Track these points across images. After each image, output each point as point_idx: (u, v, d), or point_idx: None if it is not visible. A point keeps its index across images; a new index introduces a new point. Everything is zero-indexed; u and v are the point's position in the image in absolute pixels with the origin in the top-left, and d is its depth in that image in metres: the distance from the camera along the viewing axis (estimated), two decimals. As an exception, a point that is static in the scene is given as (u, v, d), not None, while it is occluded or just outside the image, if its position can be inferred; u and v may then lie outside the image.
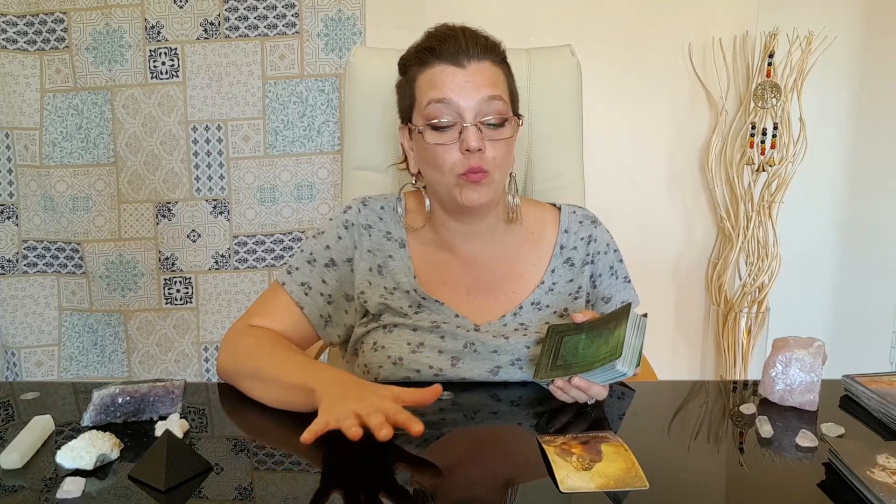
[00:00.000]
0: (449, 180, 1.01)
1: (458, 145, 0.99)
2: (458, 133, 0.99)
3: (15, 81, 1.99)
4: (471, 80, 0.99)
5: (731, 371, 2.06)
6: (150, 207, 2.07)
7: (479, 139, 0.98)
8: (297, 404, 0.86)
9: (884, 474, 0.70)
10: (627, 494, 0.70)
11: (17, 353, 2.12)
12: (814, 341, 0.93)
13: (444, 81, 0.99)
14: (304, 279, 1.08)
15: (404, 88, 1.07)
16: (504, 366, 1.02)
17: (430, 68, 1.01)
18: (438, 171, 1.02)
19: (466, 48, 1.00)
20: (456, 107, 0.98)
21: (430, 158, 1.02)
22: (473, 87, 0.99)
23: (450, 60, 1.00)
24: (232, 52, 1.98)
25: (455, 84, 0.99)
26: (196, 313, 2.12)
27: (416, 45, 1.05)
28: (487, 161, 0.99)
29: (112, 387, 0.86)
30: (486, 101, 0.99)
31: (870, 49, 2.00)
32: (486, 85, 0.99)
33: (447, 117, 0.99)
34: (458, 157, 0.99)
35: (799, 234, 2.07)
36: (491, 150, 0.99)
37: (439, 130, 1.00)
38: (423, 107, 1.01)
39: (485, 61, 1.01)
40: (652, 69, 2.01)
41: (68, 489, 0.70)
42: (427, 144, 1.01)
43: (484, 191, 1.00)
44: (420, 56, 1.03)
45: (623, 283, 1.15)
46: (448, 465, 0.79)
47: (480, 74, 1.00)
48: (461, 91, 0.99)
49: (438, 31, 1.03)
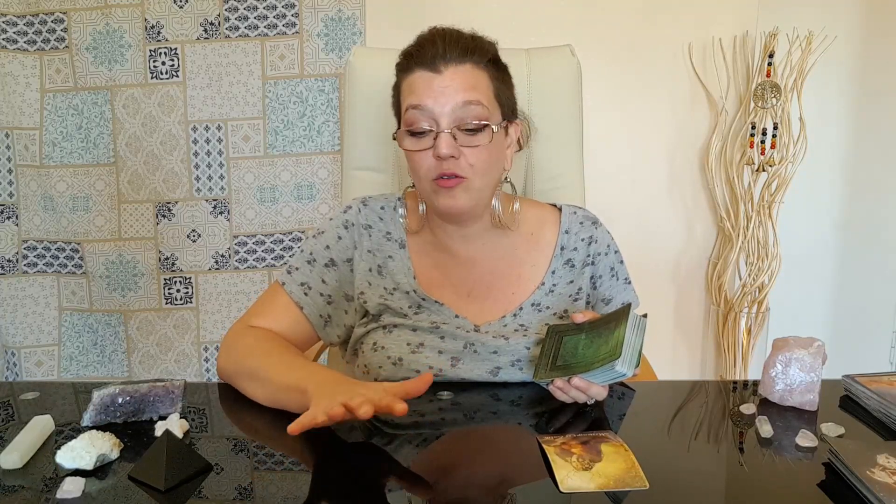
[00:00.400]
0: (425, 186, 1.01)
1: (432, 151, 0.98)
2: (433, 139, 0.98)
3: (15, 81, 1.99)
4: (449, 85, 0.98)
5: (731, 371, 2.06)
6: (150, 207, 2.07)
7: (450, 146, 0.97)
8: (292, 405, 0.86)
9: (884, 474, 0.70)
10: (627, 494, 0.70)
11: (17, 353, 2.12)
12: (814, 341, 0.93)
13: (420, 87, 0.99)
14: (303, 279, 1.08)
15: (394, 93, 1.07)
16: (504, 366, 1.02)
17: (410, 74, 1.01)
18: (417, 177, 1.02)
19: (444, 53, 0.99)
20: (430, 112, 0.98)
21: (410, 164, 1.03)
22: (451, 91, 0.98)
23: (427, 66, 0.99)
24: (232, 52, 1.98)
25: (430, 90, 0.98)
26: (196, 313, 2.12)
27: (403, 49, 1.05)
28: (462, 167, 0.98)
29: (112, 387, 0.86)
30: (461, 106, 0.98)
31: (870, 49, 2.00)
32: (463, 89, 0.98)
33: (423, 123, 0.98)
34: (433, 163, 0.99)
35: (799, 234, 2.07)
36: (468, 156, 0.98)
37: (416, 136, 1.00)
38: (404, 112, 1.01)
39: (464, 64, 0.99)
40: (652, 69, 2.01)
41: (68, 489, 0.70)
42: (406, 150, 1.01)
43: (459, 196, 0.99)
44: (403, 61, 1.03)
45: (623, 284, 1.15)
46: (448, 465, 0.79)
47: (459, 79, 0.98)
48: (437, 96, 0.98)
49: (421, 35, 1.03)
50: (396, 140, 1.04)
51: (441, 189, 0.99)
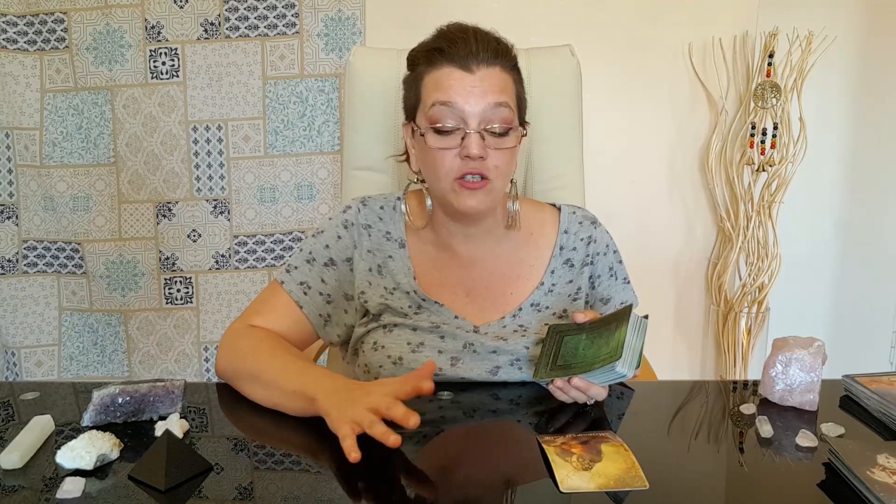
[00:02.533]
0: (445, 185, 1.00)
1: (458, 150, 0.97)
2: (460, 138, 0.97)
3: (15, 81, 1.99)
4: (478, 86, 0.97)
5: (731, 371, 2.06)
6: (150, 207, 2.07)
7: (480, 146, 0.96)
8: (298, 410, 0.87)
9: (884, 474, 0.70)
10: (627, 494, 0.70)
11: (17, 353, 2.12)
12: (814, 341, 0.93)
13: (450, 84, 0.98)
14: (303, 278, 1.08)
15: (411, 86, 1.05)
16: (503, 366, 1.02)
17: (437, 69, 0.99)
18: (435, 175, 1.01)
19: (476, 52, 0.98)
20: (460, 111, 0.97)
21: (430, 161, 1.01)
22: (480, 92, 0.97)
23: (458, 64, 0.98)
24: (232, 52, 1.98)
25: (462, 88, 0.97)
26: (196, 313, 2.12)
27: (426, 42, 1.03)
28: (489, 169, 0.98)
29: (112, 387, 0.86)
30: (492, 108, 0.97)
31: (870, 49, 2.00)
32: (493, 91, 0.98)
33: (451, 121, 0.97)
34: (457, 163, 0.98)
35: (799, 234, 2.07)
36: (493, 158, 0.98)
37: (442, 134, 0.98)
38: (428, 108, 0.99)
39: (494, 67, 0.99)
40: (652, 69, 2.01)
41: (68, 489, 0.71)
42: (428, 147, 1.00)
43: (482, 198, 0.99)
44: (429, 55, 1.01)
45: (622, 284, 1.15)
46: (448, 464, 0.79)
47: (489, 80, 0.98)
48: (467, 96, 0.97)
49: (450, 30, 1.01)
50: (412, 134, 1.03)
51: (464, 189, 0.98)
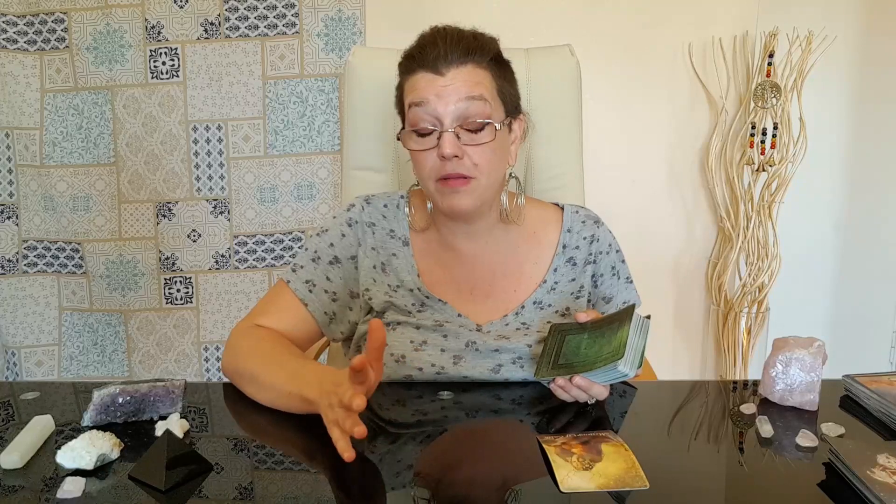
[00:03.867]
0: (430, 186, 1.02)
1: (436, 151, 0.98)
2: (436, 139, 0.99)
3: (15, 81, 1.99)
4: (449, 85, 0.98)
5: (731, 371, 2.06)
6: (150, 207, 2.07)
7: (454, 145, 0.97)
8: (297, 409, 0.88)
9: (884, 474, 0.70)
10: (628, 494, 0.70)
11: (17, 352, 2.12)
12: (814, 341, 0.93)
13: (423, 87, 0.99)
14: (308, 277, 1.08)
15: (397, 93, 1.07)
16: (505, 364, 1.02)
17: (412, 75, 1.01)
18: (420, 177, 1.03)
19: (445, 54, 0.99)
20: (434, 112, 0.98)
21: (414, 163, 1.03)
22: (452, 91, 0.98)
23: (429, 68, 0.99)
24: (232, 52, 1.98)
25: (433, 90, 0.98)
26: (196, 313, 2.12)
27: (406, 50, 1.05)
28: (467, 167, 0.98)
29: (112, 387, 0.86)
30: (464, 102, 0.98)
31: (870, 49, 2.00)
32: (465, 88, 0.98)
33: (426, 123, 0.99)
34: (437, 163, 0.99)
35: (799, 234, 2.07)
36: (473, 155, 0.99)
37: (421, 136, 1.00)
38: (407, 111, 1.02)
39: (466, 65, 0.99)
40: (652, 69, 2.01)
41: (68, 489, 0.71)
42: (411, 150, 1.02)
43: (466, 196, 0.99)
44: (405, 62, 1.03)
45: (625, 283, 1.15)
46: (448, 464, 0.79)
47: (460, 78, 0.99)
48: (439, 96, 0.98)
49: (424, 35, 1.03)
50: (401, 140, 1.04)
51: (445, 189, 0.99)
